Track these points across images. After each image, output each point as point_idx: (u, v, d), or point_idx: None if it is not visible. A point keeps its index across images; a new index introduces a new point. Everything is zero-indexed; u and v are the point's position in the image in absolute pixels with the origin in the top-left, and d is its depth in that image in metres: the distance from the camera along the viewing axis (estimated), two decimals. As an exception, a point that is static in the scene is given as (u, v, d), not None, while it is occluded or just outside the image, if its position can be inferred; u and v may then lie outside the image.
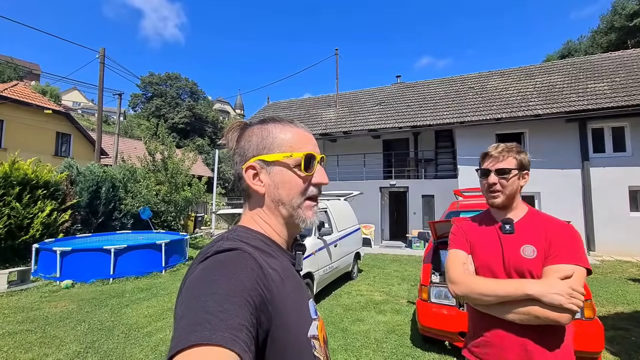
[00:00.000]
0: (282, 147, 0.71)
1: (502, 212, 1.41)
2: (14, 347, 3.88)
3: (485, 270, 1.36)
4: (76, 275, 6.83)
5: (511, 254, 1.31)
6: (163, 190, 11.70)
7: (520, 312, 1.18)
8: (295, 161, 0.71)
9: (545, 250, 1.27)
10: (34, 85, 31.34)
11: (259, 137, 0.73)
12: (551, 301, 1.12)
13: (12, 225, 8.01)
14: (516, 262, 1.29)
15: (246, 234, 0.70)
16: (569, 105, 10.69)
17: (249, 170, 0.71)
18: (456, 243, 1.48)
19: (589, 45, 29.09)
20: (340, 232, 6.64)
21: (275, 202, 0.72)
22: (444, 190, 11.48)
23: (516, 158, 1.37)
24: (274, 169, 0.71)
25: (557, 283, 1.15)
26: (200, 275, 0.57)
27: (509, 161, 1.36)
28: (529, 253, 1.28)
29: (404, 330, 4.46)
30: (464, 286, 1.32)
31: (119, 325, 4.59)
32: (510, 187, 1.35)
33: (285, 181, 0.71)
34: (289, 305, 0.63)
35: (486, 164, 1.41)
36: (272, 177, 0.71)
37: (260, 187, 0.72)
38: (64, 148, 17.82)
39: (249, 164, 0.71)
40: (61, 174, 9.94)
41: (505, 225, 1.36)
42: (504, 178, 1.35)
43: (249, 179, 0.71)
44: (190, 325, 0.47)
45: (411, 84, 17.13)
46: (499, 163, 1.37)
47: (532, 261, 1.27)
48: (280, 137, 0.72)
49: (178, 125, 40.97)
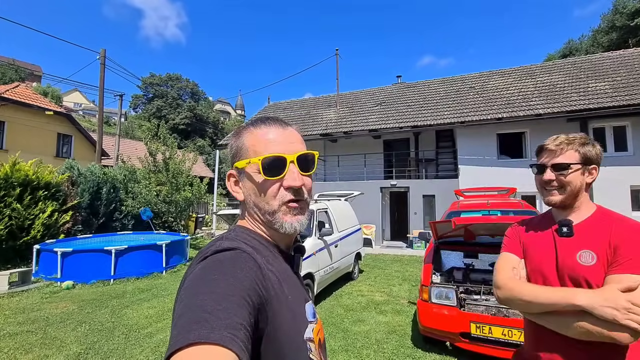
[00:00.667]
0: (247, 154, 0.70)
1: (563, 212, 1.25)
2: (14, 348, 3.88)
3: (537, 275, 1.23)
4: (77, 276, 6.83)
5: (566, 259, 1.17)
6: (164, 190, 11.70)
7: (570, 325, 1.04)
8: (255, 167, 0.69)
9: (608, 257, 1.10)
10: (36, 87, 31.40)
11: (234, 144, 0.75)
12: (603, 315, 0.97)
13: (14, 226, 8.03)
14: (571, 268, 1.15)
15: (244, 234, 0.70)
16: (570, 104, 10.66)
17: (230, 178, 0.74)
18: (508, 246, 1.36)
19: (590, 44, 29.02)
20: (340, 233, 6.63)
21: (252, 208, 0.72)
22: (444, 190, 11.46)
23: (579, 151, 1.19)
24: (244, 176, 0.72)
25: (613, 294, 0.99)
26: (199, 274, 0.57)
27: (568, 155, 1.20)
28: (586, 259, 1.13)
29: (405, 331, 4.44)
30: (507, 291, 1.20)
31: (120, 326, 4.59)
32: (571, 185, 1.19)
33: (253, 187, 0.70)
34: (286, 307, 0.63)
35: (542, 159, 1.26)
36: (244, 184, 0.72)
37: (239, 194, 0.74)
38: (65, 149, 17.86)
39: (229, 172, 0.75)
40: (62, 175, 9.96)
41: (562, 227, 1.21)
42: (562, 174, 1.19)
43: (229, 186, 0.75)
44: (188, 323, 0.47)
45: (412, 84, 17.12)
46: (556, 157, 1.21)
47: (590, 269, 1.11)
48: (246, 142, 0.72)
49: (179, 126, 41.03)
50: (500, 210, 4.70)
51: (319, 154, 0.77)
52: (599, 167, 1.23)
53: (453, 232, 3.95)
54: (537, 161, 1.29)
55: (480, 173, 11.47)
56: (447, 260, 4.41)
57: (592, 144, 1.23)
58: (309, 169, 0.72)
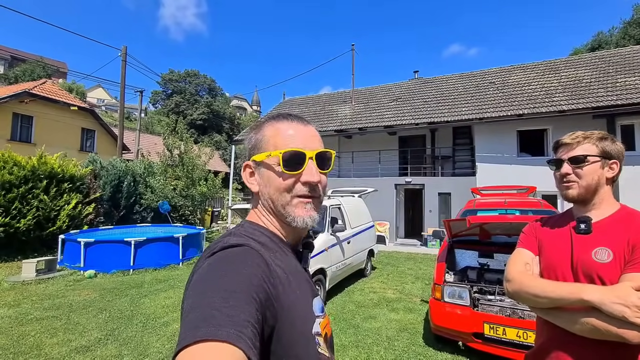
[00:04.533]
0: (267, 147, 0.72)
1: (583, 209, 1.23)
2: (40, 332, 4.10)
3: (549, 271, 1.22)
4: (99, 266, 7.12)
5: (581, 256, 1.15)
6: (180, 185, 11.99)
7: (578, 321, 1.03)
8: (275, 160, 0.70)
9: (626, 256, 1.07)
10: (61, 83, 32.67)
11: (253, 137, 0.76)
12: (612, 311, 0.95)
13: (40, 217, 8.43)
14: (585, 266, 1.13)
15: (253, 229, 0.71)
16: (596, 100, 10.20)
17: (246, 169, 0.75)
18: (523, 242, 1.35)
19: (621, 37, 27.59)
20: (353, 229, 6.62)
21: (267, 201, 0.73)
22: (461, 188, 11.23)
23: (597, 145, 1.18)
24: (262, 169, 0.73)
25: (624, 291, 0.97)
26: (207, 270, 0.58)
27: (585, 147, 1.18)
28: (602, 257, 1.11)
29: (417, 329, 4.41)
30: (516, 284, 1.19)
31: (138, 315, 4.76)
32: (588, 178, 1.17)
33: (270, 180, 0.72)
34: (294, 302, 0.63)
35: (559, 154, 1.25)
36: (261, 176, 0.74)
37: (254, 185, 0.75)
38: (88, 143, 18.53)
39: (245, 163, 0.75)
40: (85, 169, 10.35)
41: (580, 224, 1.19)
42: (579, 167, 1.17)
43: (245, 177, 0.75)
44: (196, 321, 0.48)
45: (429, 79, 16.78)
46: (572, 151, 1.20)
47: (606, 266, 1.09)
48: (267, 135, 0.73)
49: (196, 122, 41.80)
50: (518, 210, 4.57)
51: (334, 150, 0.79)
52: (621, 163, 1.21)
53: (468, 230, 3.87)
54: (554, 156, 1.28)
55: (499, 171, 11.17)
56: (462, 260, 4.33)
57: (612, 139, 1.21)
58: (325, 167, 0.74)
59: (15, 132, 15.13)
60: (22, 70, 33.70)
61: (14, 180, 8.10)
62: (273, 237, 0.71)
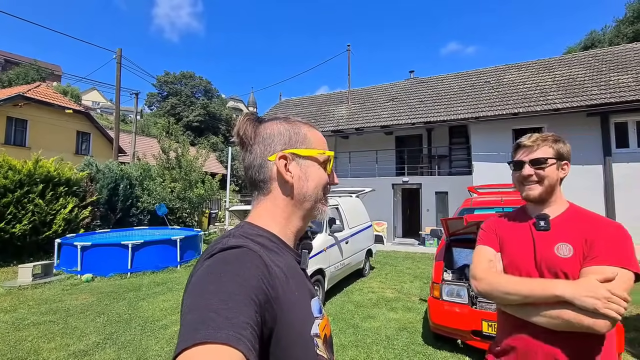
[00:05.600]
0: (314, 145, 0.77)
1: (539, 207, 1.30)
2: (37, 337, 4.07)
3: (513, 269, 1.25)
4: (96, 269, 7.08)
5: (544, 252, 1.20)
6: (177, 187, 11.95)
7: (549, 316, 1.06)
8: (325, 159, 0.77)
9: (585, 250, 1.14)
10: (56, 86, 32.42)
11: (291, 131, 0.76)
12: (584, 304, 1.00)
13: (36, 221, 8.36)
14: (549, 261, 1.18)
15: (252, 230, 0.70)
16: (590, 98, 10.29)
17: (281, 160, 0.72)
18: (484, 239, 1.38)
19: (614, 35, 27.81)
20: (351, 229, 6.63)
21: (300, 194, 0.74)
22: (458, 186, 11.28)
23: (553, 147, 1.25)
24: (306, 162, 0.75)
25: (593, 285, 1.02)
26: (205, 272, 0.57)
27: (544, 150, 1.25)
28: (564, 252, 1.16)
29: (416, 328, 4.42)
30: (486, 283, 1.22)
31: (136, 318, 4.73)
32: (549, 179, 1.24)
33: (314, 174, 0.75)
34: (293, 303, 0.63)
35: (519, 155, 1.30)
36: (303, 169, 0.74)
37: (290, 177, 0.73)
38: (84, 146, 18.42)
39: (281, 154, 0.72)
40: (82, 172, 10.30)
41: (539, 221, 1.25)
42: (540, 168, 1.24)
43: (281, 167, 0.72)
44: (195, 323, 0.47)
45: (424, 79, 16.86)
46: (533, 153, 1.26)
47: (568, 261, 1.15)
48: (310, 135, 0.77)
49: (192, 124, 41.65)
50: (514, 208, 4.59)
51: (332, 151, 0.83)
52: (570, 163, 1.29)
53: (465, 229, 3.89)
54: (514, 158, 1.33)
55: (495, 170, 11.22)
56: (460, 258, 4.35)
57: (563, 142, 1.29)
58: None
59: (10, 135, 15.01)
60: (15, 74, 33.41)
61: (9, 185, 8.04)
62: (272, 238, 0.71)
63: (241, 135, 0.76)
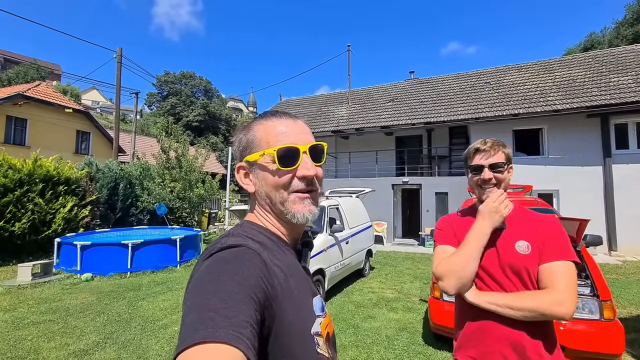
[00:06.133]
0: (260, 146, 0.72)
1: None
2: (37, 337, 4.06)
3: (478, 269, 1.28)
4: (96, 269, 7.06)
5: (506, 250, 1.26)
6: (177, 187, 11.93)
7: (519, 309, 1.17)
8: (269, 158, 0.70)
9: (539, 247, 1.23)
10: (56, 85, 32.39)
11: (244, 138, 0.75)
12: None
13: (36, 220, 8.35)
14: (512, 258, 1.24)
15: (251, 229, 0.70)
16: (590, 100, 10.31)
17: (240, 170, 0.75)
18: (443, 239, 1.41)
19: (614, 37, 27.86)
20: (352, 229, 6.63)
21: (264, 200, 0.73)
22: (458, 187, 11.29)
23: (504, 152, 1.34)
24: (256, 169, 0.73)
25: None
26: (205, 272, 0.57)
27: (499, 155, 1.32)
28: (523, 249, 1.24)
29: (416, 328, 4.42)
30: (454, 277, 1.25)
31: (136, 318, 4.73)
32: (504, 182, 1.32)
33: (265, 179, 0.71)
34: (292, 302, 0.63)
35: (477, 159, 1.35)
36: (256, 176, 0.73)
37: (250, 186, 0.74)
38: (83, 146, 18.38)
39: (239, 165, 0.75)
40: (81, 171, 10.27)
41: None
42: (498, 172, 1.31)
43: (239, 179, 0.75)
44: (194, 322, 0.48)
45: (425, 79, 16.87)
46: (491, 157, 1.32)
47: (528, 257, 1.23)
48: (258, 135, 0.73)
49: (192, 123, 41.62)
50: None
51: (331, 151, 0.79)
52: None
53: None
54: (471, 163, 1.37)
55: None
56: (460, 258, 4.35)
57: (508, 147, 1.39)
58: (319, 159, 0.74)
59: (9, 134, 14.97)
60: (15, 73, 33.34)
61: (9, 184, 8.02)
62: (272, 237, 0.70)
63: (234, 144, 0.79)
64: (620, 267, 8.11)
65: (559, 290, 1.14)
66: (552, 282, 1.17)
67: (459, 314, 1.40)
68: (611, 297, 3.04)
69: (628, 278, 7.11)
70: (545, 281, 1.19)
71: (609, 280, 6.51)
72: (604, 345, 2.77)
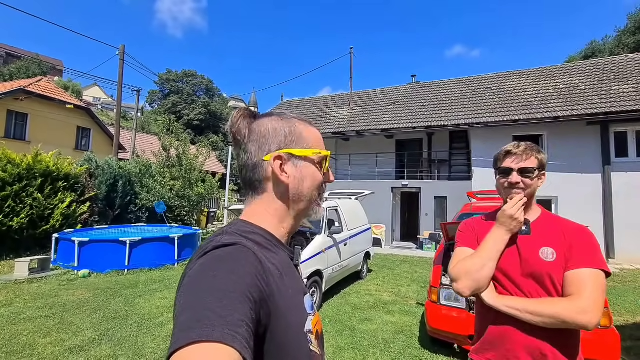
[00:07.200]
0: (310, 144, 0.74)
1: None
2: (33, 332, 4.05)
3: (499, 273, 1.27)
4: (93, 265, 7.05)
5: (529, 256, 1.24)
6: (177, 185, 11.93)
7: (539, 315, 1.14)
8: (320, 159, 0.75)
9: (565, 254, 1.20)
10: (57, 81, 32.33)
11: (287, 130, 0.73)
12: None
13: (34, 215, 8.34)
14: (534, 265, 1.22)
15: (246, 227, 0.69)
16: (590, 107, 10.34)
17: (276, 160, 0.71)
18: (464, 241, 1.40)
19: (615, 45, 27.97)
20: (350, 231, 6.63)
21: (295, 194, 0.73)
22: (457, 191, 11.30)
23: (537, 158, 1.31)
24: (302, 163, 0.73)
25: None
26: (199, 271, 0.57)
27: (532, 160, 1.30)
28: (548, 256, 1.21)
29: (413, 332, 4.42)
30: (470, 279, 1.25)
31: (133, 315, 4.72)
32: (532, 187, 1.30)
33: (310, 175, 0.74)
34: (287, 300, 0.63)
35: (507, 162, 1.33)
36: (299, 169, 0.73)
37: (285, 176, 0.72)
38: (84, 142, 18.38)
39: (277, 154, 0.71)
40: (81, 167, 10.27)
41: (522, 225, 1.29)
42: (527, 177, 1.29)
43: (276, 167, 0.71)
44: (189, 321, 0.47)
45: (426, 83, 16.92)
46: (522, 162, 1.30)
47: (552, 264, 1.20)
48: (306, 133, 0.75)
49: (193, 122, 41.63)
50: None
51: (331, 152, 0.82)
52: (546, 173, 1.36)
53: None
54: (502, 164, 1.35)
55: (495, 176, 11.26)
56: (458, 263, 4.35)
57: (543, 153, 1.36)
58: None
59: (10, 129, 14.96)
60: (17, 68, 33.34)
61: (8, 178, 8.01)
62: (266, 236, 0.70)
63: (234, 133, 0.75)
64: (617, 274, 8.12)
65: (583, 298, 1.11)
66: (577, 289, 1.13)
67: (479, 318, 1.39)
68: (607, 305, 3.04)
69: (625, 286, 7.12)
70: (569, 288, 1.15)
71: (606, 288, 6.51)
72: (600, 352, 2.78)
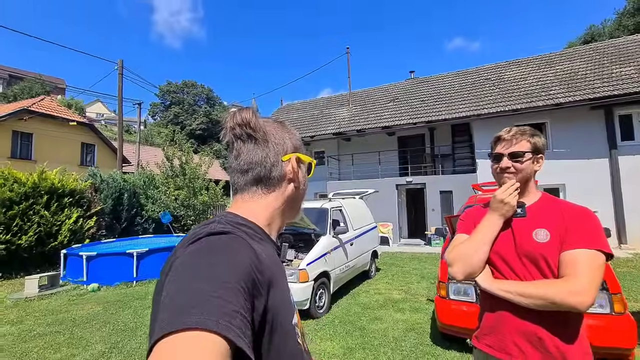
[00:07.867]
0: (302, 151, 0.81)
1: None
2: (44, 348, 4.06)
3: (495, 256, 1.30)
4: (102, 279, 7.08)
5: (523, 238, 1.25)
6: (182, 195, 11.99)
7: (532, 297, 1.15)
8: (309, 165, 0.82)
9: (561, 235, 1.19)
10: (60, 99, 32.83)
11: (294, 138, 0.80)
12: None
13: (42, 233, 8.42)
14: (528, 246, 1.23)
15: (236, 219, 0.69)
16: (593, 92, 10.20)
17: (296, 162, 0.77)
18: (463, 228, 1.44)
19: (615, 28, 27.65)
20: (356, 231, 6.58)
21: (298, 195, 0.79)
22: (462, 185, 11.19)
23: (529, 141, 1.31)
24: (304, 168, 0.80)
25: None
26: (193, 256, 0.55)
27: (522, 144, 1.30)
28: (542, 237, 1.22)
29: (424, 329, 4.36)
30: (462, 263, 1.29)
31: (142, 326, 4.72)
32: (524, 171, 1.30)
33: (306, 180, 0.81)
34: (279, 292, 0.63)
35: (498, 148, 1.35)
36: (303, 173, 0.80)
37: (302, 177, 0.80)
38: (88, 158, 18.59)
39: (296, 156, 0.77)
40: (85, 182, 10.37)
41: (517, 208, 1.31)
42: (517, 161, 1.29)
43: (296, 168, 0.76)
44: (184, 307, 0.46)
45: (425, 78, 16.85)
46: (512, 147, 1.31)
47: (545, 245, 1.20)
48: (297, 142, 0.81)
49: (196, 132, 41.96)
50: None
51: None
52: (544, 156, 1.36)
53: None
54: (493, 151, 1.38)
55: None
56: (465, 256, 4.29)
57: (539, 136, 1.35)
58: None
59: (16, 149, 15.19)
60: (20, 88, 33.92)
61: (15, 197, 8.11)
62: (256, 230, 0.70)
63: (254, 128, 0.74)
64: (630, 260, 7.96)
65: (577, 279, 1.10)
66: (572, 270, 1.12)
67: (481, 305, 1.43)
68: (621, 290, 2.96)
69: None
70: (564, 270, 1.15)
71: (620, 274, 6.38)
72: (616, 339, 2.70)
